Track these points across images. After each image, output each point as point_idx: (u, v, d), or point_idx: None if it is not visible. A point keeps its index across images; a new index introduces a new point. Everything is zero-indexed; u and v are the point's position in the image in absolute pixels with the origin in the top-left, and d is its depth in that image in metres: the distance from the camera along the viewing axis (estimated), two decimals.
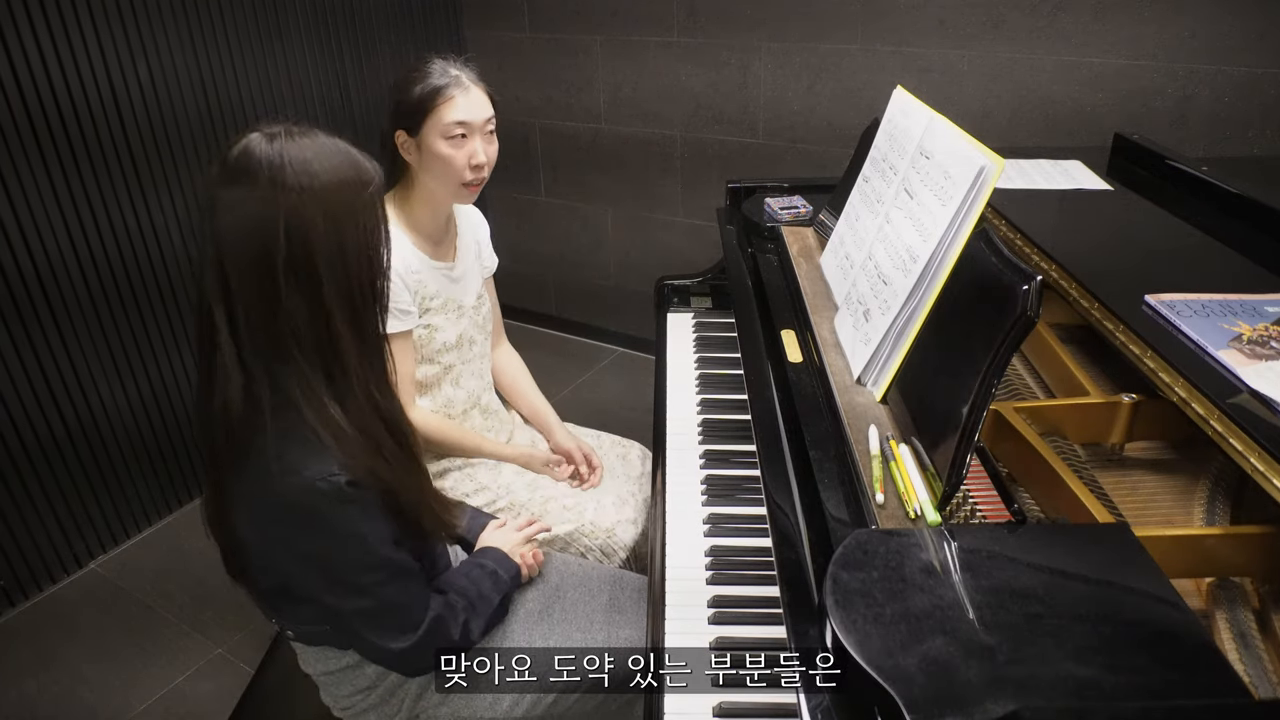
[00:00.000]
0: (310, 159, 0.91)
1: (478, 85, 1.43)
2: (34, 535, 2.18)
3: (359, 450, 0.96)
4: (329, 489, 0.93)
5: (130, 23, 2.12)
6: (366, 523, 0.98)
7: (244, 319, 0.92)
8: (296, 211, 0.89)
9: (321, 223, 0.90)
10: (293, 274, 0.90)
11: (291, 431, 0.93)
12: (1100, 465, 1.09)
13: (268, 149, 0.91)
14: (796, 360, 1.25)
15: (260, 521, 0.98)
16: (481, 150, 1.43)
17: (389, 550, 1.02)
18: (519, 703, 1.19)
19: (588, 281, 3.40)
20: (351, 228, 0.93)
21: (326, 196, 0.91)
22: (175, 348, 2.40)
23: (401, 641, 1.05)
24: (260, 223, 0.89)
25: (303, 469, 0.92)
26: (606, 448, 1.74)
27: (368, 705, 1.19)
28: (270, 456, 0.92)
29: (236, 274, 0.90)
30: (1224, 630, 0.85)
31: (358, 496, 0.95)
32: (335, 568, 0.99)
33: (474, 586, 1.18)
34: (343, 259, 0.93)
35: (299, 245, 0.90)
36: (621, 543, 1.54)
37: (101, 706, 1.92)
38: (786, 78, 2.65)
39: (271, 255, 0.89)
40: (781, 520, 1.01)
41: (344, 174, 0.93)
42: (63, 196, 2.06)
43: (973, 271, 0.97)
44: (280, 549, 1.00)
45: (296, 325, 0.92)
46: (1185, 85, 2.12)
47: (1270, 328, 0.94)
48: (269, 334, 0.92)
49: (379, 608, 1.03)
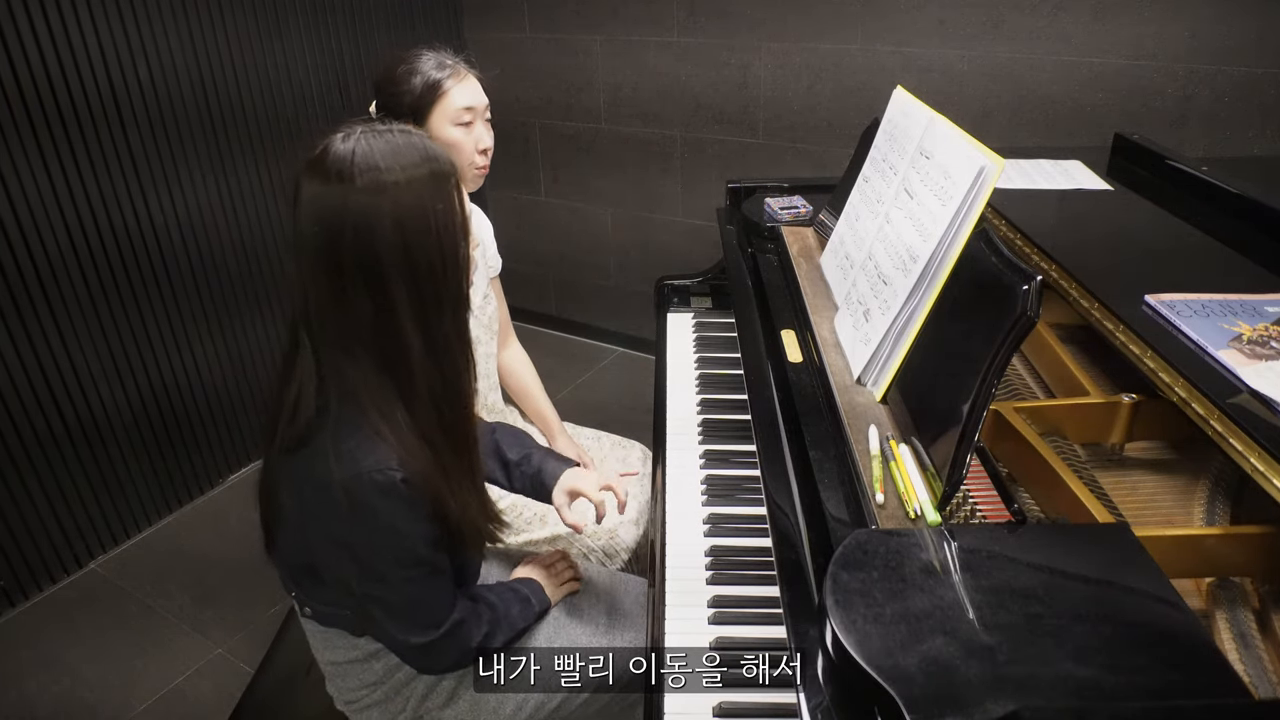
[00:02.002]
0: (379, 159, 0.92)
1: (472, 73, 1.46)
2: (34, 535, 2.18)
3: (417, 453, 0.97)
4: (383, 481, 0.94)
5: (130, 21, 2.12)
6: (410, 521, 0.98)
7: (315, 313, 0.94)
8: (363, 211, 0.90)
9: (389, 224, 0.91)
10: (359, 273, 0.91)
11: (355, 424, 0.95)
12: (1100, 465, 1.08)
13: (341, 148, 0.92)
14: (796, 360, 1.25)
15: (306, 501, 0.99)
16: (485, 135, 1.46)
17: (425, 550, 1.02)
18: (524, 704, 1.19)
19: (588, 281, 3.40)
20: (420, 230, 0.93)
21: (395, 197, 0.91)
22: (175, 347, 2.40)
23: (420, 637, 1.05)
24: (329, 221, 0.91)
25: (361, 458, 0.94)
26: (607, 449, 1.74)
27: (372, 701, 1.19)
28: (330, 442, 0.94)
29: (310, 269, 0.93)
30: (1224, 630, 0.85)
31: (407, 494, 0.96)
32: (370, 557, 0.99)
33: (503, 606, 1.18)
34: (409, 261, 0.93)
35: (365, 245, 0.91)
36: (623, 544, 1.54)
37: (101, 706, 1.92)
38: (786, 78, 2.65)
39: (339, 253, 0.91)
40: (781, 520, 1.01)
41: (415, 171, 0.93)
42: (61, 193, 2.07)
43: (973, 271, 0.97)
44: (319, 530, 1.00)
45: (362, 324, 0.93)
46: (1185, 85, 2.12)
47: (1270, 328, 0.94)
48: (337, 330, 0.94)
49: (404, 602, 1.04)
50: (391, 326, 0.94)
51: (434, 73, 1.41)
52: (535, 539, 1.55)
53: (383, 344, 0.94)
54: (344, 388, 0.95)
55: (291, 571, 1.11)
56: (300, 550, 1.06)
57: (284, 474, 1.01)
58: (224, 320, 2.53)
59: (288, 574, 1.13)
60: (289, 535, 1.06)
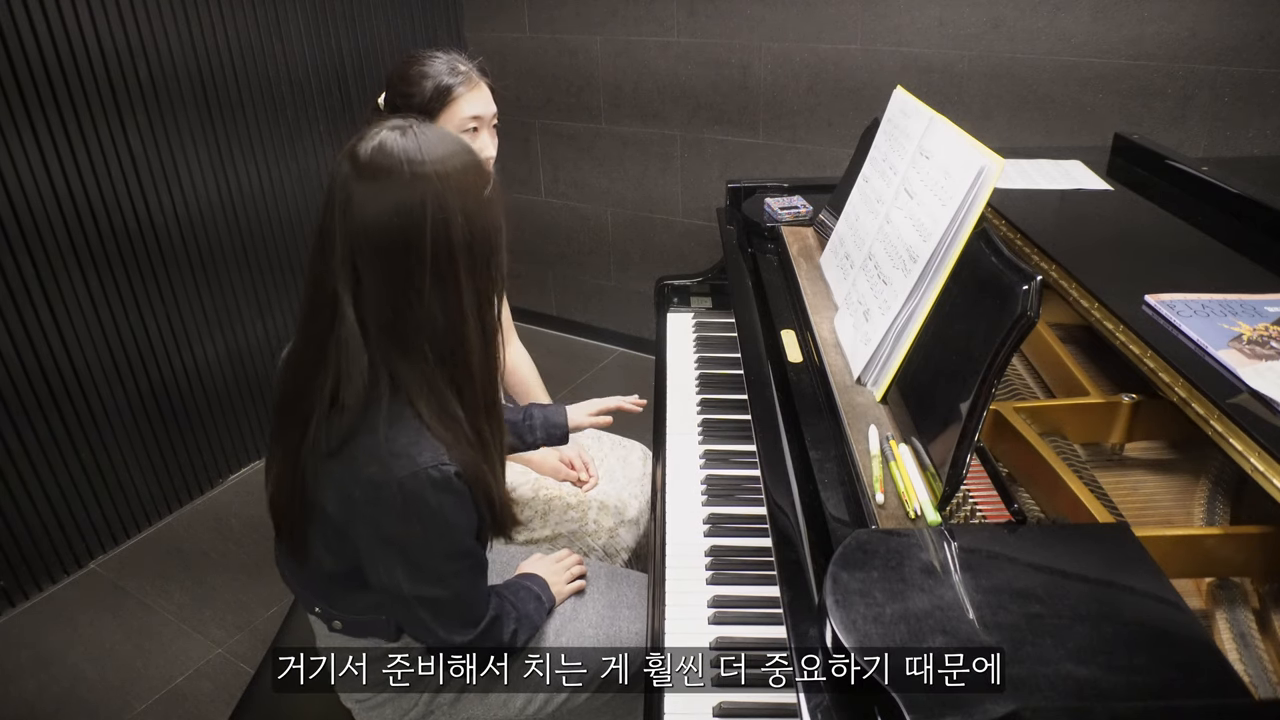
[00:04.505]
0: (442, 151, 0.92)
1: (485, 80, 1.45)
2: (34, 535, 2.18)
3: (469, 445, 0.98)
4: (440, 477, 0.94)
5: (129, 19, 2.12)
6: (460, 513, 0.99)
7: (375, 310, 0.92)
8: (439, 202, 0.90)
9: (460, 214, 0.92)
10: (436, 267, 0.91)
11: (406, 419, 0.95)
12: (1100, 465, 1.09)
13: (404, 142, 0.91)
14: (796, 360, 1.25)
15: (353, 500, 0.97)
16: (489, 144, 1.46)
17: (471, 543, 1.03)
18: (530, 703, 1.19)
19: (588, 281, 3.40)
20: (482, 220, 0.94)
21: (464, 188, 0.92)
22: (175, 347, 2.40)
23: (463, 635, 1.06)
24: (405, 214, 0.90)
25: (416, 454, 0.93)
26: (607, 448, 1.74)
27: (383, 699, 1.19)
28: (382, 438, 0.93)
29: (375, 266, 0.91)
30: (1224, 630, 0.85)
31: (461, 488, 0.96)
32: (421, 554, 1.00)
33: (519, 603, 1.19)
34: (474, 257, 0.94)
35: (442, 236, 0.91)
36: (623, 543, 1.54)
37: (101, 706, 1.92)
38: (786, 78, 2.65)
39: (417, 248, 0.90)
40: (781, 520, 1.01)
41: (471, 167, 0.95)
42: (63, 199, 2.07)
43: (973, 271, 0.97)
44: (365, 529, 0.99)
45: (434, 318, 0.93)
46: (1185, 85, 2.12)
47: (1270, 328, 0.94)
48: (402, 326, 0.93)
49: (452, 598, 1.04)
50: (458, 318, 0.95)
51: (446, 78, 1.40)
52: (536, 538, 1.55)
53: (448, 335, 0.95)
54: (397, 382, 0.95)
55: (319, 582, 1.09)
56: (342, 555, 1.04)
57: (325, 476, 0.98)
58: (224, 320, 2.53)
59: (314, 586, 1.11)
60: (327, 542, 1.04)
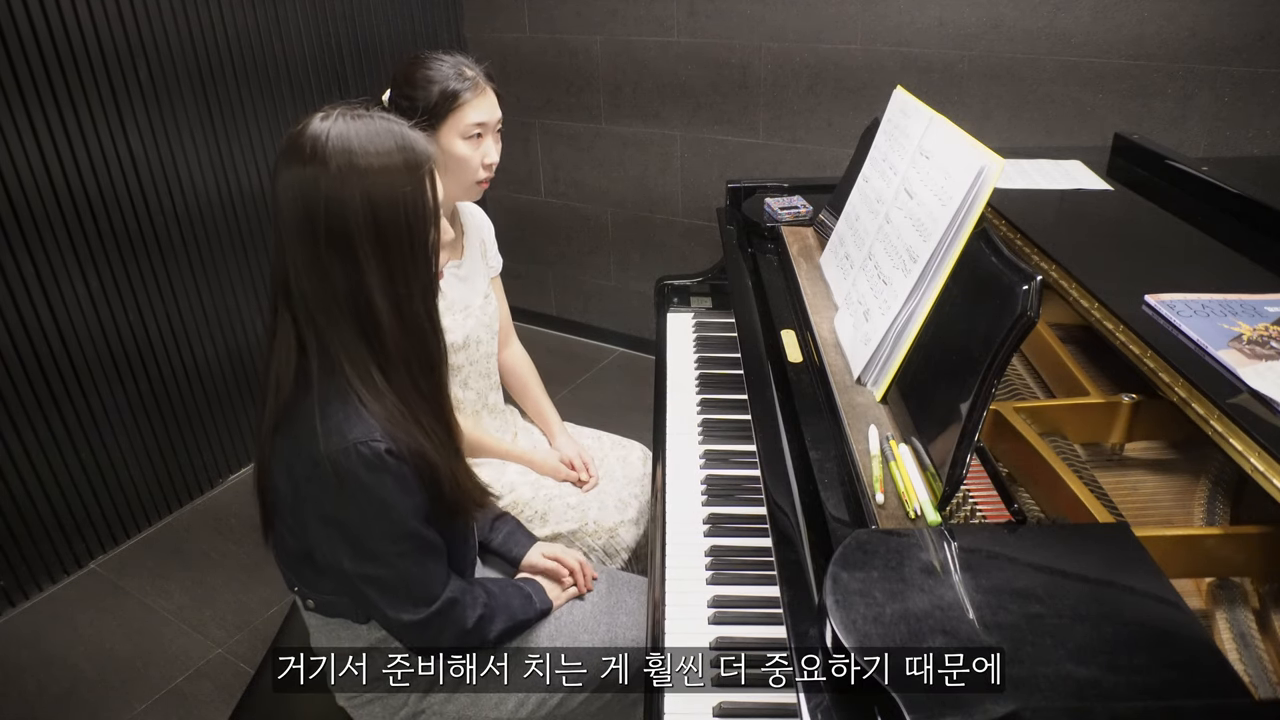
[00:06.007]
0: (354, 140, 0.93)
1: (490, 85, 1.45)
2: (34, 535, 2.18)
3: (399, 418, 0.98)
4: (369, 454, 0.95)
5: (130, 21, 2.12)
6: (399, 493, 0.99)
7: (295, 285, 0.96)
8: (334, 189, 0.92)
9: (359, 205, 0.93)
10: (332, 249, 0.94)
11: (338, 396, 0.96)
12: (1100, 465, 1.09)
13: (318, 127, 0.94)
14: (796, 360, 1.25)
15: (296, 479, 0.99)
16: (493, 150, 1.46)
17: (416, 524, 1.02)
18: (525, 703, 1.19)
19: (588, 281, 3.40)
20: (390, 211, 0.95)
21: (367, 178, 0.93)
22: (175, 347, 2.40)
23: (412, 614, 1.05)
24: (302, 197, 0.93)
25: (347, 431, 0.95)
26: (607, 448, 1.74)
27: (373, 696, 1.19)
28: (316, 417, 0.95)
29: (290, 243, 0.95)
30: (1224, 630, 0.85)
31: (394, 466, 0.97)
32: (360, 533, 1.00)
33: (502, 595, 1.18)
34: (381, 240, 0.95)
35: (337, 222, 0.93)
36: (624, 543, 1.54)
37: (101, 706, 1.92)
38: (786, 78, 2.65)
39: (314, 228, 0.93)
40: (781, 520, 1.01)
41: (389, 158, 0.95)
42: (62, 195, 2.06)
43: (973, 271, 0.97)
44: (309, 508, 1.00)
45: (339, 296, 0.95)
46: (1185, 85, 2.12)
47: (1270, 328, 0.94)
48: (316, 295, 0.95)
49: (395, 578, 1.04)
50: (364, 295, 0.96)
51: (453, 83, 1.39)
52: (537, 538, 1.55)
53: (357, 309, 0.96)
54: (324, 354, 0.97)
55: (291, 562, 1.11)
56: (297, 535, 1.06)
57: (275, 454, 1.01)
58: (224, 320, 2.53)
59: (288, 565, 1.12)
60: (285, 520, 1.06)
